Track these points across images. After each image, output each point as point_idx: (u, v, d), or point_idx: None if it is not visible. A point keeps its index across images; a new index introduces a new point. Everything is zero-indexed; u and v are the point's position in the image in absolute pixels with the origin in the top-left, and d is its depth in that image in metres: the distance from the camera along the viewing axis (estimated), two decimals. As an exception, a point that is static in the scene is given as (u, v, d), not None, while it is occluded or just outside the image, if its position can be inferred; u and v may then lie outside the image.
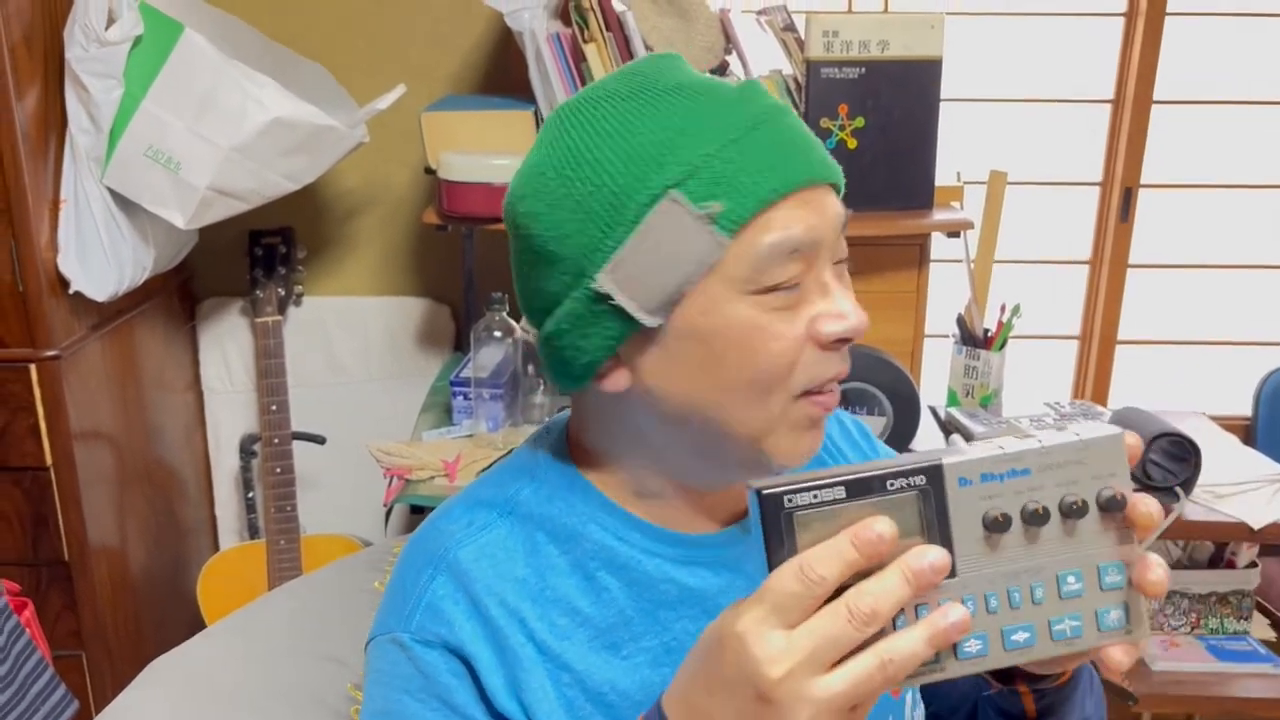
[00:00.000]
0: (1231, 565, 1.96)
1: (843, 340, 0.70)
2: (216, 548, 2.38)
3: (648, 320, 0.68)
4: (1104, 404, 2.40)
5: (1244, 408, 2.34)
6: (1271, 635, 2.07)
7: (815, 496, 0.55)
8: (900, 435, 1.79)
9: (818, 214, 0.68)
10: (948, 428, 1.96)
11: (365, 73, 2.14)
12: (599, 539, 0.76)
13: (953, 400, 2.05)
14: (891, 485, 0.55)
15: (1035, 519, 0.56)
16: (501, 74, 2.18)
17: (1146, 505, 0.57)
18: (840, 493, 0.55)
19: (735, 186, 0.66)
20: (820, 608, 0.54)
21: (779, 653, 0.53)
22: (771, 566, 0.55)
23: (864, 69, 1.88)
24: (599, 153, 0.68)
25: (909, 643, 0.53)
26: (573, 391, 0.76)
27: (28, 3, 1.66)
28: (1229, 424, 2.09)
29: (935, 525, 0.56)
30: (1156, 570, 0.58)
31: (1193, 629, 1.94)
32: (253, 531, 2.32)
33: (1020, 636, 0.57)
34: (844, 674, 0.53)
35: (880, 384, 1.77)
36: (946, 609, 0.54)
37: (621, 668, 0.74)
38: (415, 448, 1.77)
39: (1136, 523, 0.57)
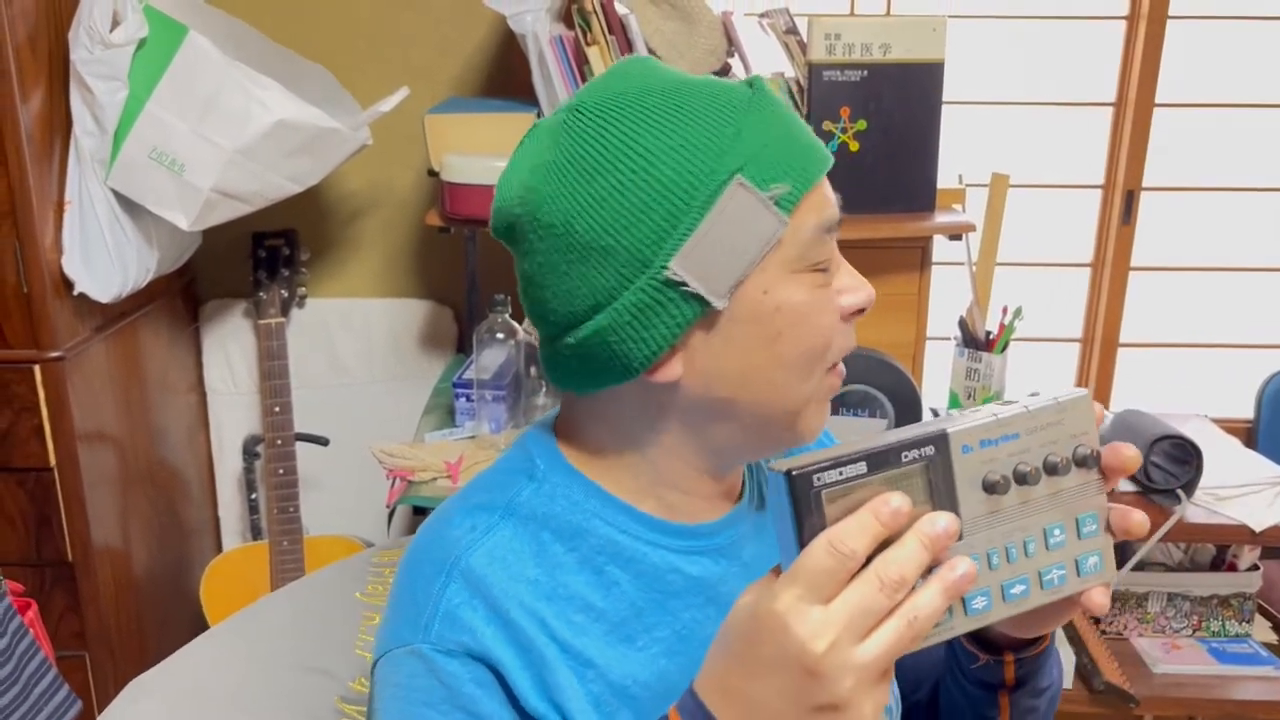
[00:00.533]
0: (1233, 568, 1.96)
1: (861, 311, 0.75)
2: (219, 549, 2.39)
3: (718, 303, 0.70)
4: (1106, 406, 2.40)
5: (1246, 410, 2.35)
6: (1273, 638, 2.07)
7: (840, 474, 0.57)
8: (902, 437, 1.79)
9: (829, 199, 0.74)
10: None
11: (368, 75, 2.15)
12: (604, 533, 0.76)
13: (954, 403, 2.05)
14: (906, 457, 0.59)
15: (1026, 479, 0.61)
16: (504, 76, 2.19)
17: (1126, 450, 0.63)
18: (862, 468, 0.58)
19: (791, 170, 0.70)
20: (850, 581, 0.56)
21: (820, 626, 0.55)
22: (804, 544, 0.56)
23: (866, 72, 1.88)
24: (650, 144, 0.70)
25: (929, 599, 0.56)
26: (590, 392, 0.76)
27: (33, 5, 1.66)
28: (1231, 426, 2.09)
29: (943, 491, 0.60)
30: (1136, 513, 0.64)
31: (1194, 631, 1.94)
32: (255, 532, 2.33)
33: (1018, 589, 0.62)
34: (879, 638, 0.56)
35: (882, 386, 1.77)
36: (955, 563, 0.57)
37: (638, 659, 0.74)
38: (418, 449, 1.77)
39: (1125, 467, 0.64)
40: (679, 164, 0.69)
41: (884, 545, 0.57)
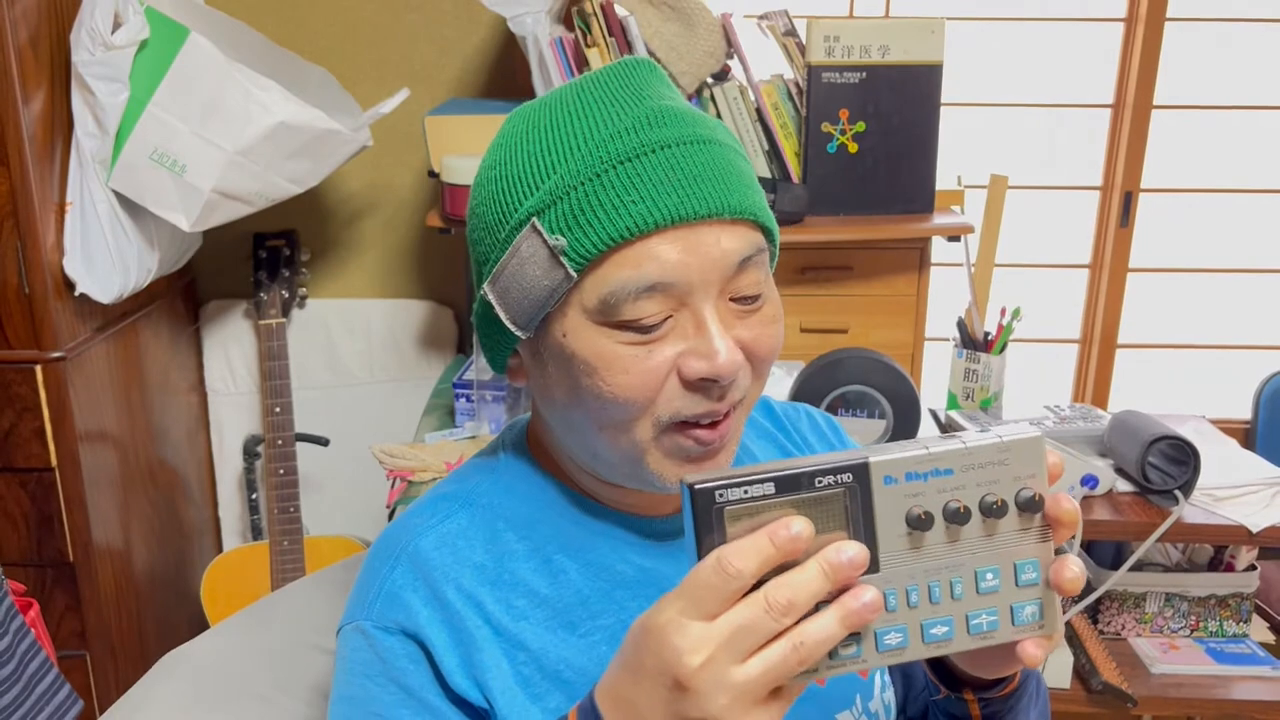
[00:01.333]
0: (1230, 568, 1.96)
1: (709, 380, 0.69)
2: (220, 549, 2.39)
3: (518, 332, 0.73)
4: (1104, 407, 2.40)
5: (1244, 411, 2.35)
6: (1270, 638, 2.07)
7: (745, 492, 0.56)
8: (900, 438, 1.80)
9: (691, 252, 0.67)
10: (948, 430, 1.97)
11: (369, 77, 2.16)
12: (556, 524, 0.79)
13: (953, 403, 2.05)
14: (820, 482, 0.57)
15: (957, 517, 0.58)
16: (505, 78, 2.19)
17: (1067, 503, 0.59)
18: (770, 488, 0.56)
19: (588, 221, 0.67)
20: (738, 600, 0.55)
21: (697, 642, 0.54)
22: (701, 558, 0.56)
23: (865, 74, 1.89)
24: (501, 168, 0.73)
25: (821, 625, 0.55)
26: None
27: (34, 6, 1.67)
28: (1229, 427, 2.10)
29: (860, 521, 0.57)
30: (1071, 568, 0.59)
31: (1192, 632, 1.95)
32: (256, 533, 2.33)
33: (939, 630, 0.59)
34: (758, 660, 0.54)
35: (880, 387, 1.78)
36: (858, 591, 0.55)
37: (578, 646, 0.76)
38: (418, 449, 1.78)
39: (1060, 520, 0.59)
40: (506, 192, 0.72)
41: (787, 569, 0.55)
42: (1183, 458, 1.71)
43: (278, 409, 2.10)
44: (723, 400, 0.71)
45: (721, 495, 0.56)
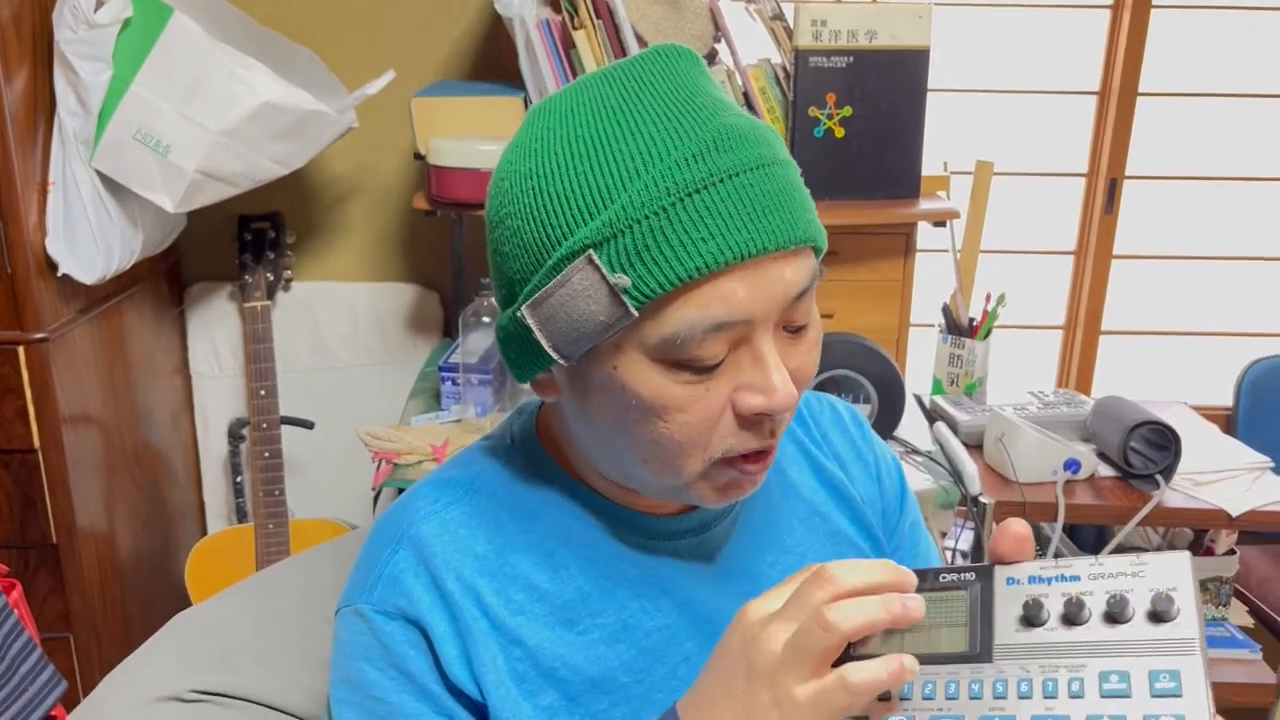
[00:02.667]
0: (1210, 552, 1.99)
1: (764, 414, 0.67)
2: (204, 531, 2.39)
3: (559, 360, 0.68)
4: (1087, 393, 2.42)
5: (1225, 398, 2.37)
6: (1249, 621, 2.10)
7: None
8: (885, 423, 1.81)
9: (758, 287, 0.65)
10: (932, 416, 1.98)
11: (355, 58, 2.14)
12: (560, 518, 0.78)
13: (937, 388, 2.06)
14: (944, 579, 0.63)
15: (1072, 612, 0.58)
16: (491, 60, 2.18)
17: (1013, 528, 0.62)
18: None
19: (653, 259, 0.63)
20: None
21: (756, 606, 0.63)
22: None
23: (852, 58, 1.89)
24: (542, 183, 0.67)
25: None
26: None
27: (16, -16, 1.66)
28: (1210, 414, 2.12)
29: (979, 617, 0.61)
30: (1013, 527, 0.62)
31: (1172, 615, 1.97)
32: (241, 515, 2.33)
33: None
34: (789, 629, 0.61)
35: (866, 371, 1.78)
36: (902, 656, 0.59)
37: (576, 644, 0.75)
38: (404, 432, 1.78)
39: (1011, 550, 0.62)
40: (555, 215, 0.66)
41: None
42: (1164, 443, 1.73)
43: (263, 392, 2.09)
44: (774, 435, 0.70)
45: None
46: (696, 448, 0.68)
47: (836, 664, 0.60)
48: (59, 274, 1.74)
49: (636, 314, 0.64)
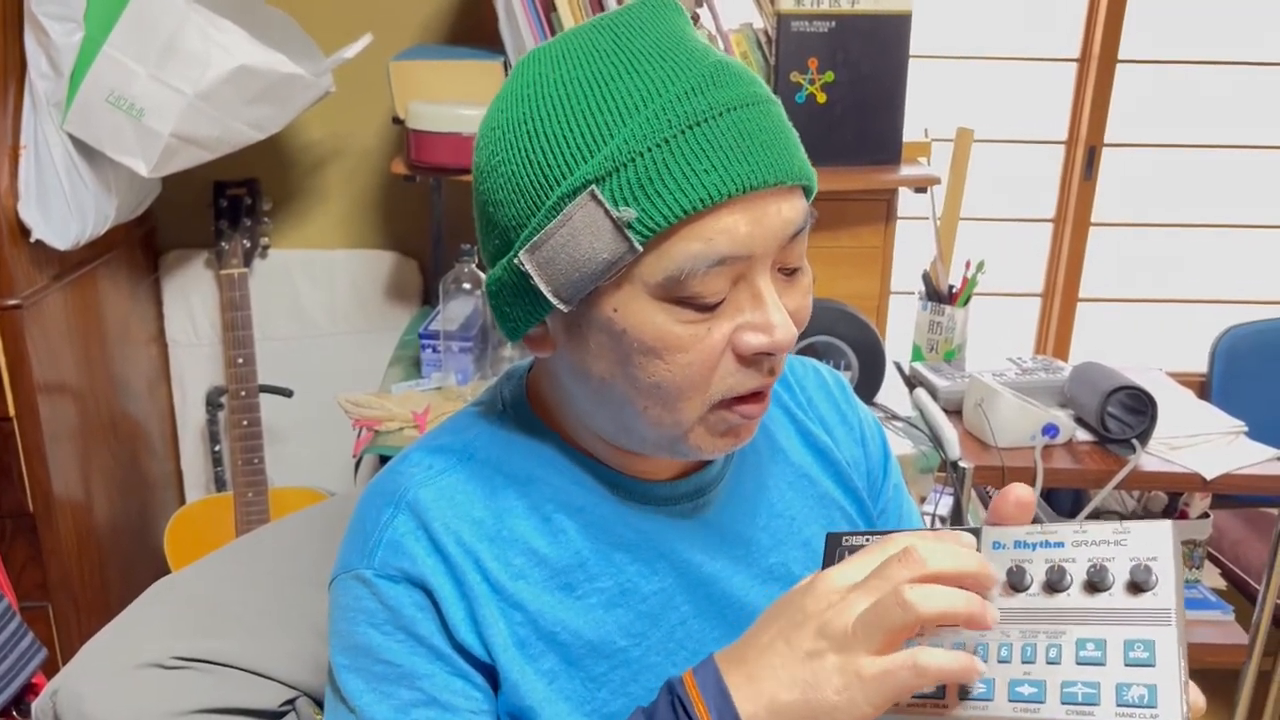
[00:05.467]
0: (1184, 516, 2.01)
1: (765, 354, 0.68)
2: (183, 501, 2.38)
3: (560, 305, 0.67)
4: (1065, 360, 2.44)
5: (1200, 364, 2.39)
6: (1222, 584, 2.13)
7: (868, 539, 0.65)
8: (866, 389, 1.81)
9: (758, 222, 0.65)
10: (911, 382, 1.99)
11: (331, 21, 2.11)
12: (556, 482, 0.77)
13: (917, 355, 2.07)
14: None
15: (1054, 580, 0.59)
16: (471, 24, 2.16)
17: (1015, 492, 0.64)
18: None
19: (656, 192, 0.63)
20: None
21: (836, 573, 0.64)
22: None
23: (834, 23, 1.88)
24: (539, 124, 0.66)
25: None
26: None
27: (-17, -57, 1.62)
28: (1186, 379, 2.14)
29: None
30: (1017, 491, 0.64)
31: (1146, 578, 1.99)
32: (220, 484, 2.32)
33: (1026, 690, 0.58)
34: (865, 603, 0.61)
35: (846, 338, 1.79)
36: (975, 659, 0.59)
37: (575, 608, 0.75)
38: (384, 399, 1.77)
39: (1011, 512, 0.64)
40: (554, 155, 0.65)
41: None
42: (1141, 407, 1.74)
43: (240, 360, 2.08)
44: (773, 374, 0.70)
45: (847, 540, 0.67)
46: (696, 390, 0.68)
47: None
48: (31, 240, 1.72)
49: (641, 249, 0.64)
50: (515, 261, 0.68)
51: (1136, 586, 0.57)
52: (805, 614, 0.63)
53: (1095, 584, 0.58)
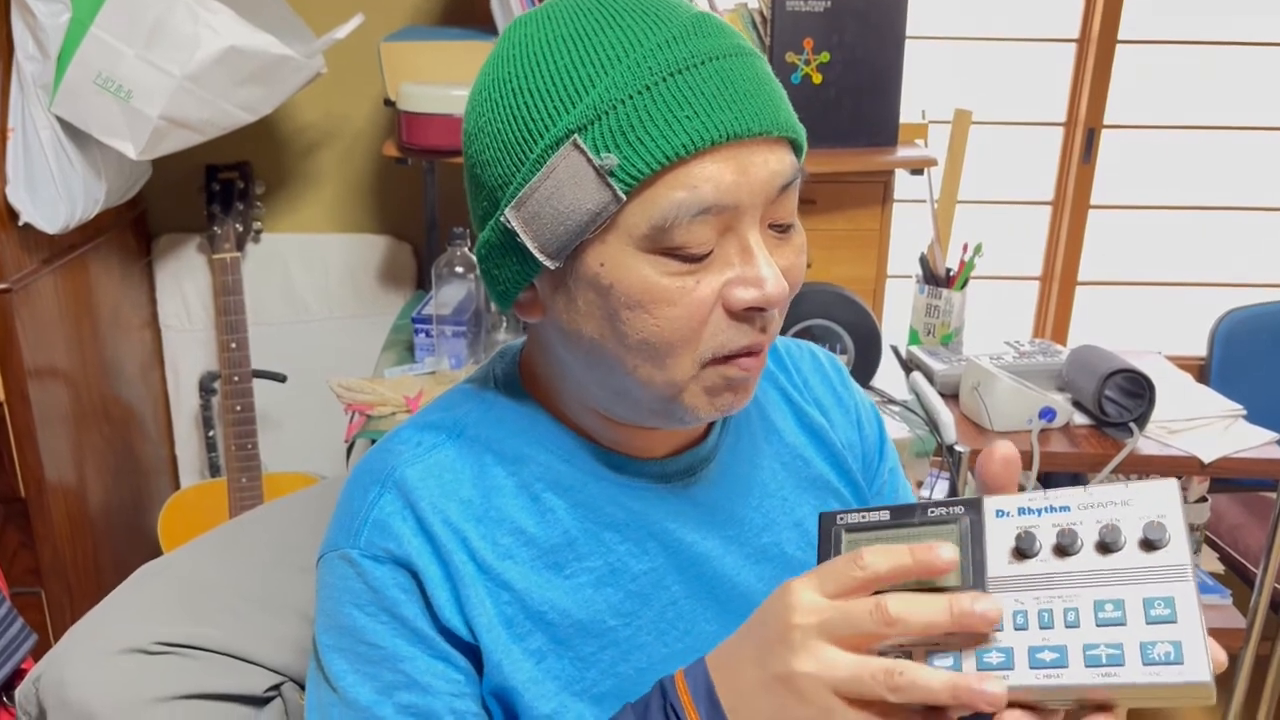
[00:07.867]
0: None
1: (756, 309, 0.67)
2: (177, 486, 2.37)
3: (547, 262, 0.67)
4: (1063, 343, 2.43)
5: (1199, 348, 2.38)
6: (1219, 568, 2.13)
7: (863, 518, 0.63)
8: (862, 372, 1.80)
9: (744, 172, 0.64)
10: (908, 365, 1.98)
11: (322, 2, 2.09)
12: (545, 461, 0.77)
13: (914, 339, 2.06)
14: (932, 513, 0.61)
15: (1065, 544, 0.58)
16: (463, 4, 2.14)
17: (999, 450, 0.62)
18: (885, 516, 0.63)
19: (638, 138, 0.63)
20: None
21: (807, 606, 0.59)
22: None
23: (830, 3, 1.86)
24: (523, 81, 0.66)
25: (927, 676, 0.56)
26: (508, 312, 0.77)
27: (-32, -78, 1.60)
28: (1184, 363, 2.13)
29: (969, 551, 0.60)
30: (1000, 448, 0.62)
31: (1143, 562, 1.99)
32: (213, 470, 2.31)
33: (1047, 655, 0.57)
34: (853, 659, 0.58)
35: (842, 321, 1.78)
36: (985, 676, 0.55)
37: (564, 587, 0.74)
38: (377, 384, 1.76)
39: (998, 478, 0.62)
40: (535, 108, 0.65)
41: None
42: (1139, 391, 1.73)
43: (234, 345, 2.07)
44: (765, 332, 0.69)
45: (842, 519, 0.63)
46: (686, 345, 0.67)
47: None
48: (20, 223, 1.71)
49: (624, 197, 0.63)
50: (502, 220, 0.68)
51: (1150, 544, 0.57)
52: (775, 635, 0.61)
53: (1108, 544, 0.57)
